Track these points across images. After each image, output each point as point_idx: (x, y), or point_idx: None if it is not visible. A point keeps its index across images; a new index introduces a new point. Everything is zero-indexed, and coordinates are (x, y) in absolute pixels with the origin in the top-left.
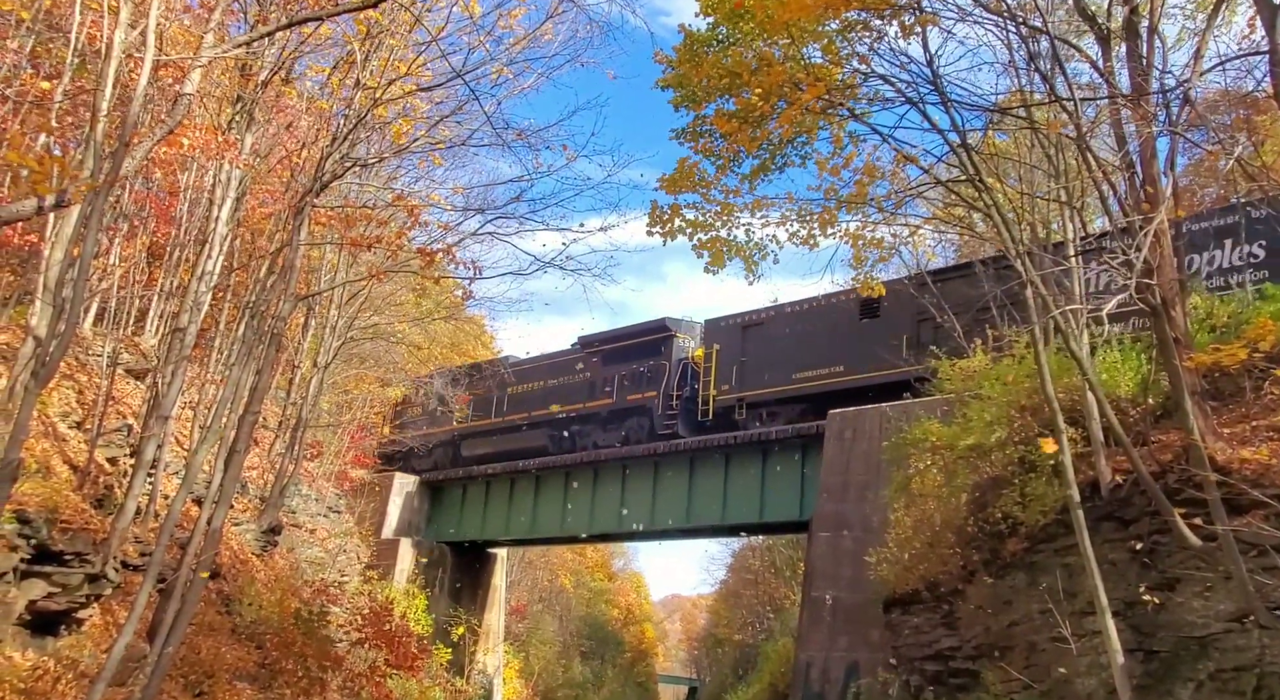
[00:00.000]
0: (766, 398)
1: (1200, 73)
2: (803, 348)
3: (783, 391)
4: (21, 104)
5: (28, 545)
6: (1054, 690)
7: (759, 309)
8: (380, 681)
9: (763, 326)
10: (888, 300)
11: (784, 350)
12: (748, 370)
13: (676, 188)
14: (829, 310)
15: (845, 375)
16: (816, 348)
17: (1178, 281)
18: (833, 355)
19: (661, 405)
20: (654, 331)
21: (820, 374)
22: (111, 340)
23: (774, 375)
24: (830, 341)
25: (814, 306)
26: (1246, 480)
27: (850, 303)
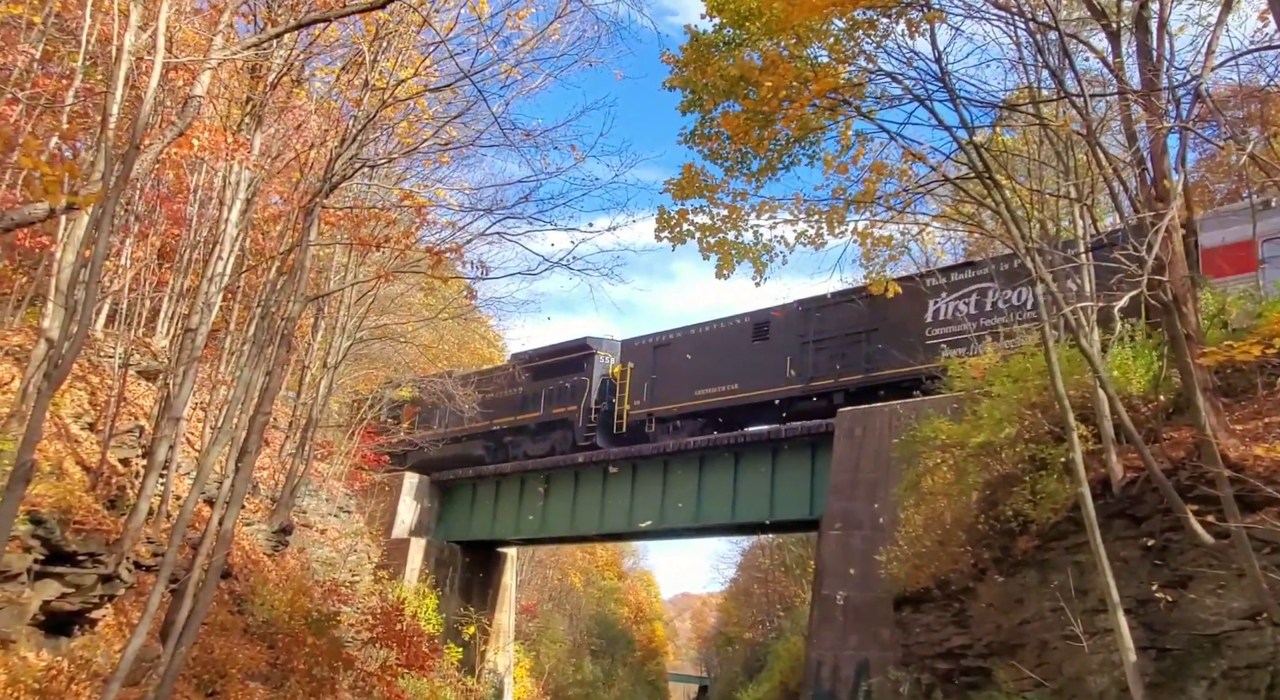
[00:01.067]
0: (672, 412)
1: (1211, 67)
2: (703, 367)
3: (685, 407)
4: (34, 107)
5: (42, 546)
6: (1066, 688)
7: (669, 330)
8: (392, 681)
9: (670, 347)
10: (776, 325)
11: (688, 369)
12: (657, 387)
13: (684, 194)
14: (726, 333)
15: (739, 392)
16: (715, 367)
17: (1189, 278)
18: (729, 374)
19: (582, 419)
20: (577, 350)
21: (718, 391)
22: (123, 342)
23: (679, 392)
24: (727, 362)
25: (714, 329)
26: (1259, 477)
27: (745, 326)
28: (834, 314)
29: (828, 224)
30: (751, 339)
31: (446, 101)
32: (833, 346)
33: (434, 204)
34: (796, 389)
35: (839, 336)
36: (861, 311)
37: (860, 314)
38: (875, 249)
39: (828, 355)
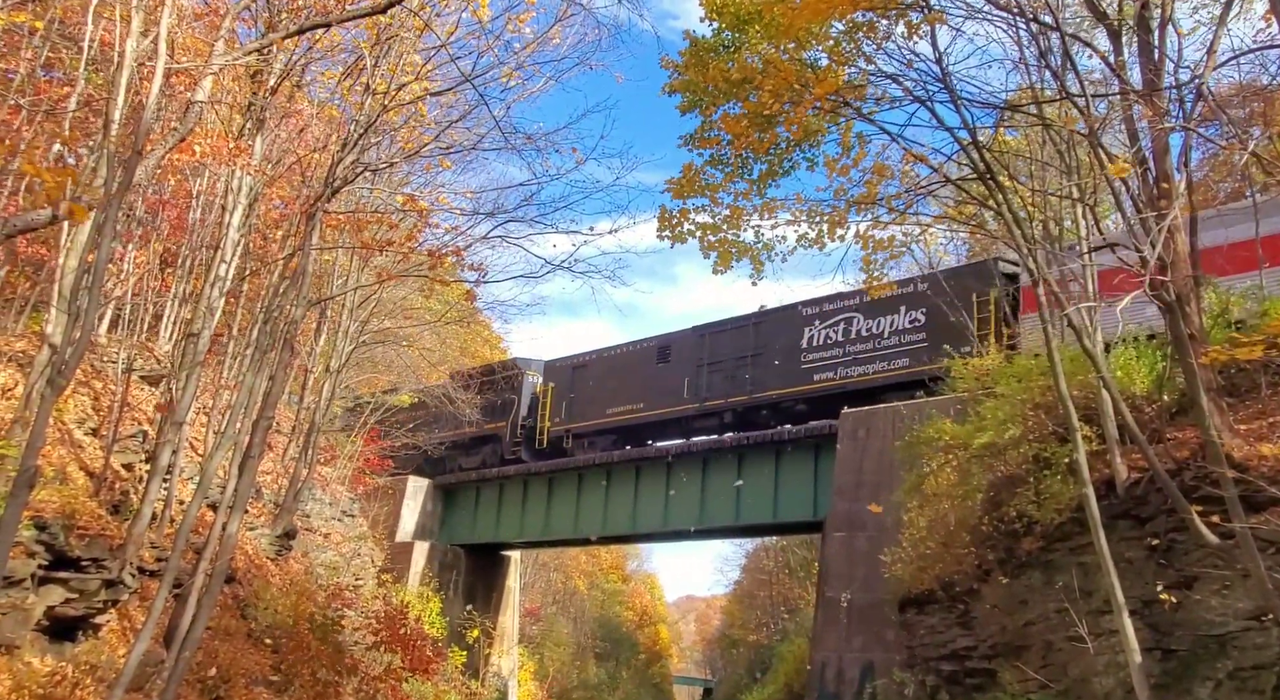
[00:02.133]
0: (587, 429)
1: (1214, 67)
2: (614, 387)
3: (598, 424)
4: (36, 112)
5: (46, 551)
6: (1071, 690)
7: (587, 352)
8: (396, 685)
9: (586, 368)
10: (677, 348)
11: (600, 389)
12: (574, 405)
13: (684, 193)
14: (635, 355)
15: (643, 411)
16: (624, 387)
17: (1192, 278)
18: (635, 394)
19: (510, 434)
20: (509, 369)
21: (625, 409)
22: (126, 347)
23: (592, 410)
24: (634, 382)
25: (624, 352)
26: (1264, 477)
27: (650, 350)
28: (726, 339)
29: (829, 227)
30: (656, 361)
31: (448, 106)
32: (724, 369)
33: (437, 210)
34: (692, 408)
35: (729, 360)
36: (749, 337)
37: (748, 340)
38: (876, 251)
39: (720, 377)
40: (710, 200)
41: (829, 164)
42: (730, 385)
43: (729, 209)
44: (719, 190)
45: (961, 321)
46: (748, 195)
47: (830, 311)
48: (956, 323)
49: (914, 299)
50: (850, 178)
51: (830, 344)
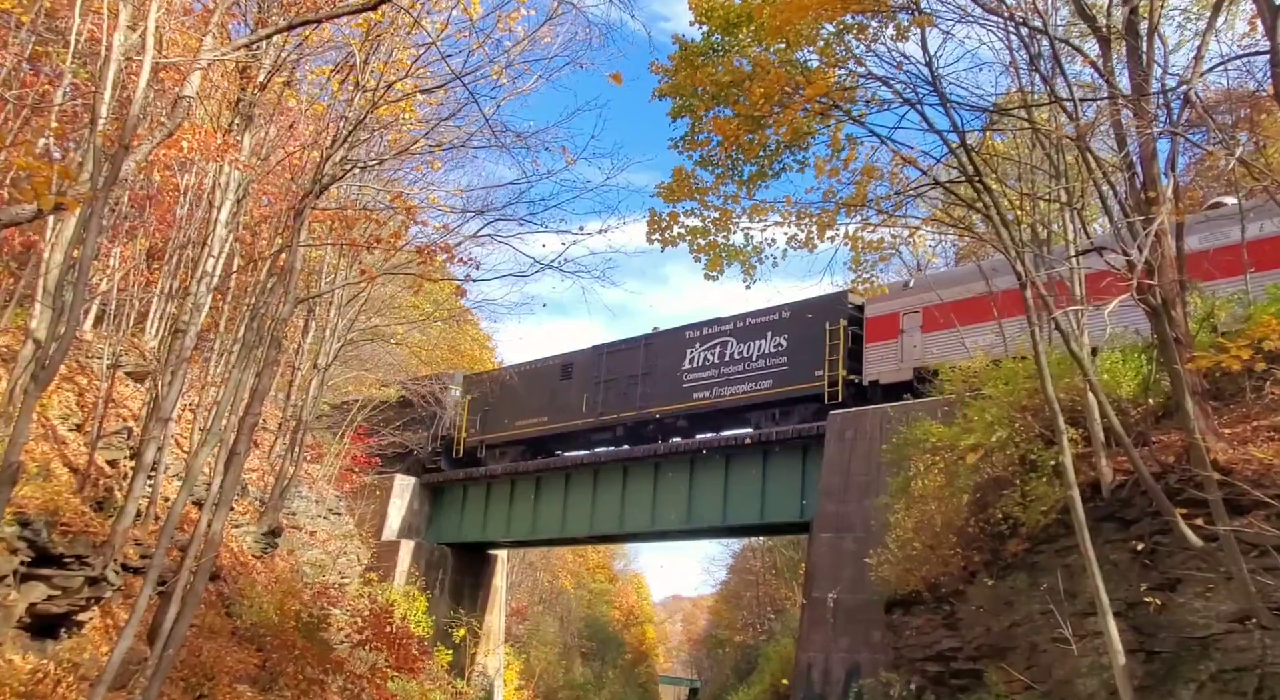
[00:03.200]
0: (498, 440)
1: (1201, 73)
2: (523, 401)
3: (508, 436)
4: (22, 107)
5: (28, 548)
6: (1055, 691)
7: (505, 368)
8: (381, 684)
9: (500, 383)
10: (578, 365)
11: (511, 403)
12: (488, 418)
13: (674, 196)
14: (541, 372)
15: (548, 424)
16: (532, 402)
17: (1178, 282)
18: (541, 408)
19: (430, 444)
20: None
21: (532, 422)
22: (112, 343)
23: (503, 423)
24: (541, 397)
25: (533, 368)
26: (1248, 480)
27: (555, 367)
28: (621, 359)
29: (818, 228)
30: (560, 378)
31: (437, 103)
32: (618, 387)
33: (425, 208)
34: (590, 422)
35: (623, 378)
36: (640, 357)
37: (639, 359)
38: (865, 252)
39: (614, 394)
40: (700, 203)
41: (819, 165)
42: (622, 401)
43: (718, 212)
44: (709, 193)
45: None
46: (737, 198)
47: (709, 335)
48: (812, 348)
49: (778, 326)
50: (840, 179)
51: (708, 365)
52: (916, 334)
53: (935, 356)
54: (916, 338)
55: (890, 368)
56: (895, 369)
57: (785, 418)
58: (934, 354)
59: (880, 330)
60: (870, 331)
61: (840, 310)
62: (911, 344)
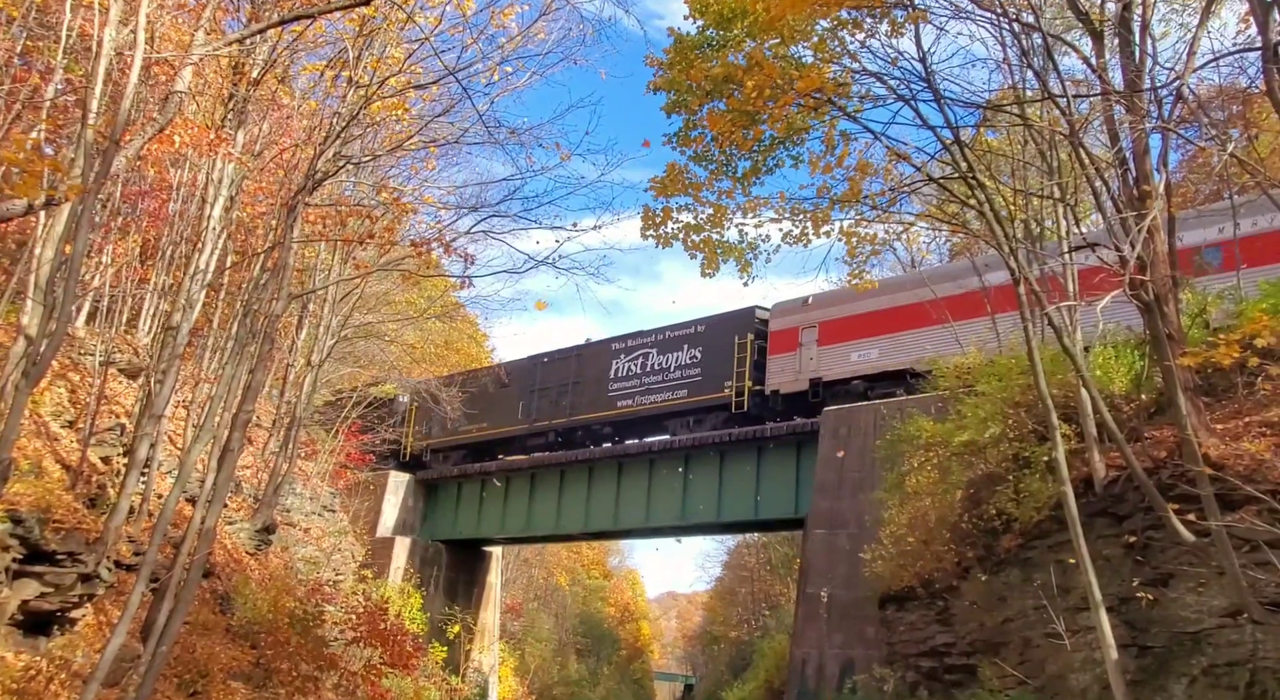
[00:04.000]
0: (442, 445)
1: (1193, 68)
2: (466, 407)
3: (451, 441)
4: (13, 102)
5: (20, 545)
6: (1048, 686)
7: (450, 375)
8: (375, 680)
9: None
10: (516, 374)
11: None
12: (433, 423)
13: (668, 191)
14: (482, 380)
15: (487, 430)
16: (473, 407)
17: (1171, 278)
18: (482, 414)
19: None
20: None
21: (473, 428)
22: (104, 339)
23: (446, 428)
24: (481, 403)
25: (474, 376)
26: (1239, 476)
27: (495, 376)
28: (554, 368)
29: (813, 224)
30: (499, 385)
31: (431, 100)
32: (550, 395)
33: (418, 206)
34: (524, 428)
35: (555, 387)
36: (571, 366)
37: (570, 369)
38: (860, 246)
39: (547, 402)
40: (694, 199)
41: (813, 161)
42: (554, 409)
43: (713, 208)
44: (703, 189)
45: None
46: (731, 194)
47: (633, 347)
48: (723, 360)
49: (694, 339)
50: (834, 176)
51: (631, 375)
52: (813, 347)
53: (828, 368)
54: (813, 351)
55: (789, 378)
56: (794, 379)
57: (698, 425)
58: (827, 366)
59: (781, 344)
60: (773, 345)
61: (748, 325)
62: (808, 356)
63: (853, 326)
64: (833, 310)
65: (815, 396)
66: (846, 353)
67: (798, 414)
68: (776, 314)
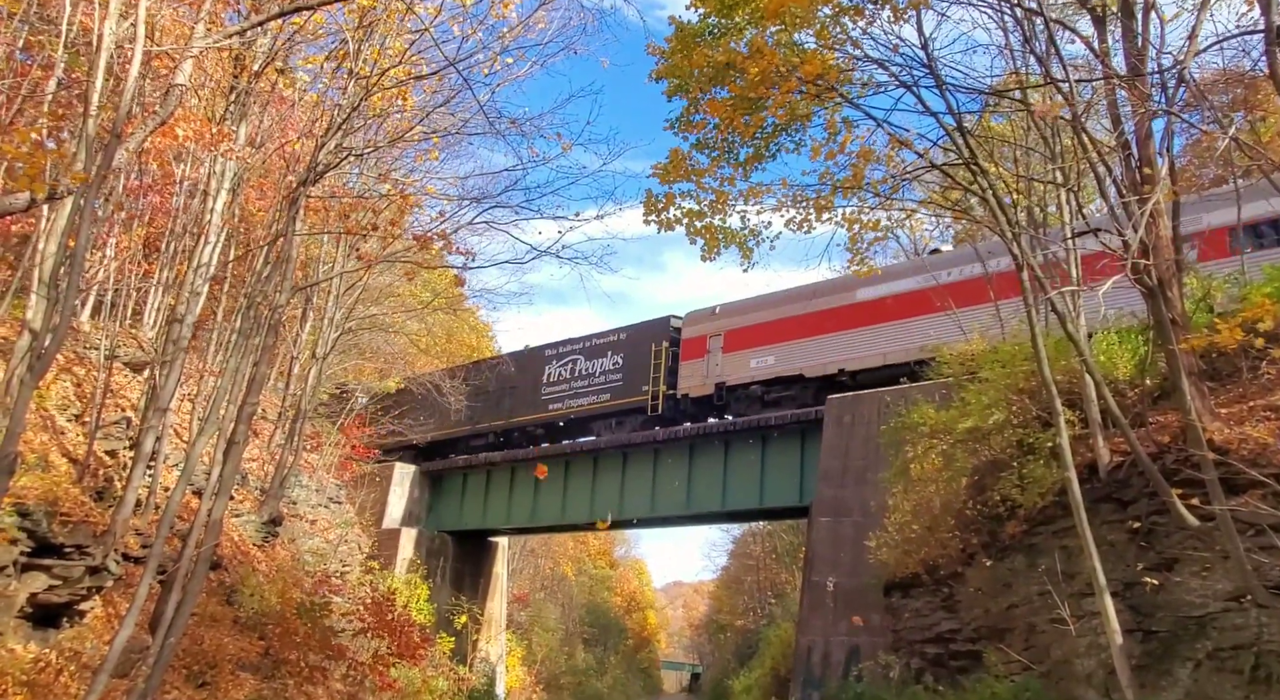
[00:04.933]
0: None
1: (1196, 52)
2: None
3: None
4: (15, 96)
5: (28, 538)
6: (1054, 671)
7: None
8: (383, 671)
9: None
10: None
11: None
12: None
13: (670, 177)
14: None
15: (434, 430)
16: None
17: (1174, 262)
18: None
19: None
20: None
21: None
22: (109, 333)
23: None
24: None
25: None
26: (1244, 460)
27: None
28: (496, 372)
29: (815, 211)
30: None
31: (432, 91)
32: (492, 398)
33: (421, 196)
34: (467, 429)
35: (495, 391)
36: (510, 372)
37: (509, 373)
38: (863, 233)
39: (488, 404)
40: (696, 185)
41: (814, 149)
42: (495, 412)
43: (715, 194)
44: (705, 175)
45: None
46: (733, 180)
47: (564, 353)
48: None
49: (617, 346)
50: (837, 162)
51: (561, 380)
52: (719, 354)
53: (731, 374)
54: (719, 357)
55: (698, 383)
56: (701, 383)
57: (620, 427)
58: (730, 371)
59: (692, 350)
60: (684, 351)
61: (665, 333)
62: (714, 363)
63: (753, 335)
64: (737, 320)
65: (720, 400)
66: (747, 359)
67: (705, 416)
68: (688, 322)
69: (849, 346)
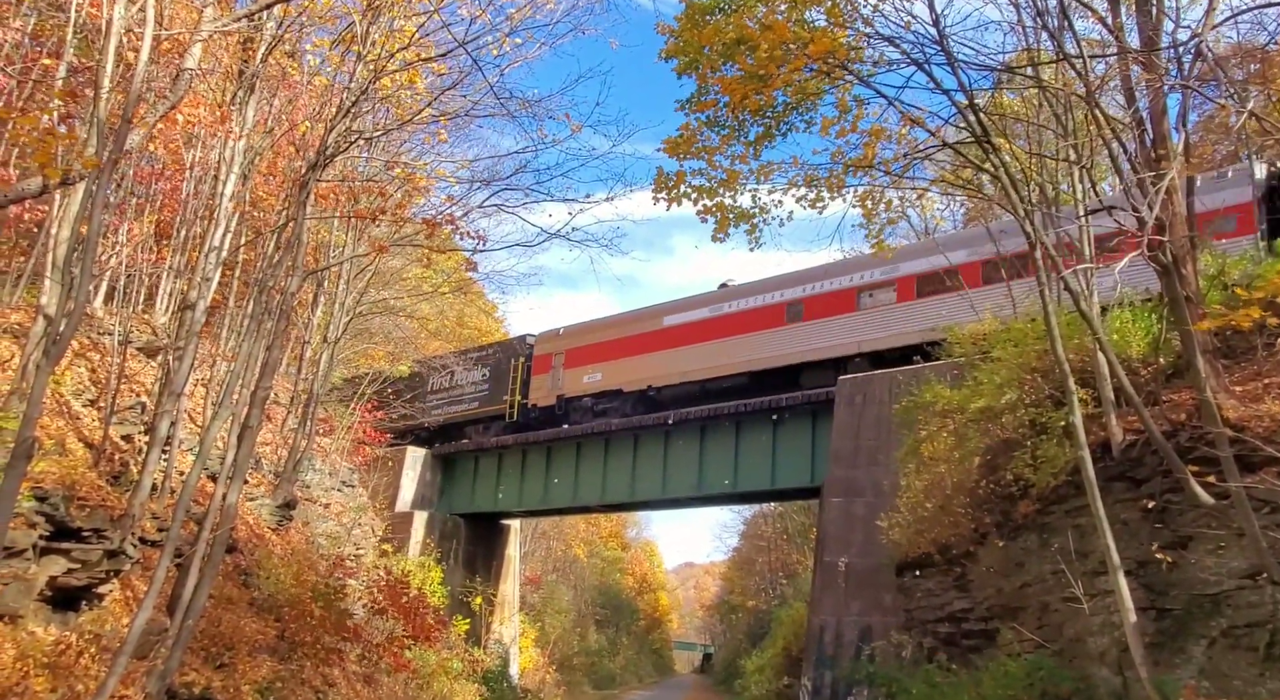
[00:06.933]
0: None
1: (1212, 25)
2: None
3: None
4: (25, 82)
5: (46, 522)
6: (1067, 650)
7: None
8: (398, 652)
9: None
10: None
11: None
12: None
13: (680, 151)
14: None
15: None
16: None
17: (1189, 239)
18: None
19: None
20: None
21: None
22: (122, 319)
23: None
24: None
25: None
26: (1259, 437)
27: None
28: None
29: (828, 188)
30: None
31: (442, 73)
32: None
33: (431, 180)
34: None
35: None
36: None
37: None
38: (875, 210)
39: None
40: (707, 163)
41: (825, 123)
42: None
43: (726, 173)
44: (716, 153)
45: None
46: (745, 159)
47: (445, 366)
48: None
49: (485, 360)
50: (848, 141)
51: (443, 389)
52: (561, 370)
53: (569, 387)
54: (560, 373)
55: (545, 394)
56: (547, 395)
57: (486, 432)
58: (568, 385)
59: (541, 366)
60: (535, 367)
61: (523, 350)
62: (557, 377)
63: (587, 354)
64: (575, 340)
65: (560, 410)
66: (581, 375)
67: (549, 424)
68: (539, 342)
69: (656, 366)
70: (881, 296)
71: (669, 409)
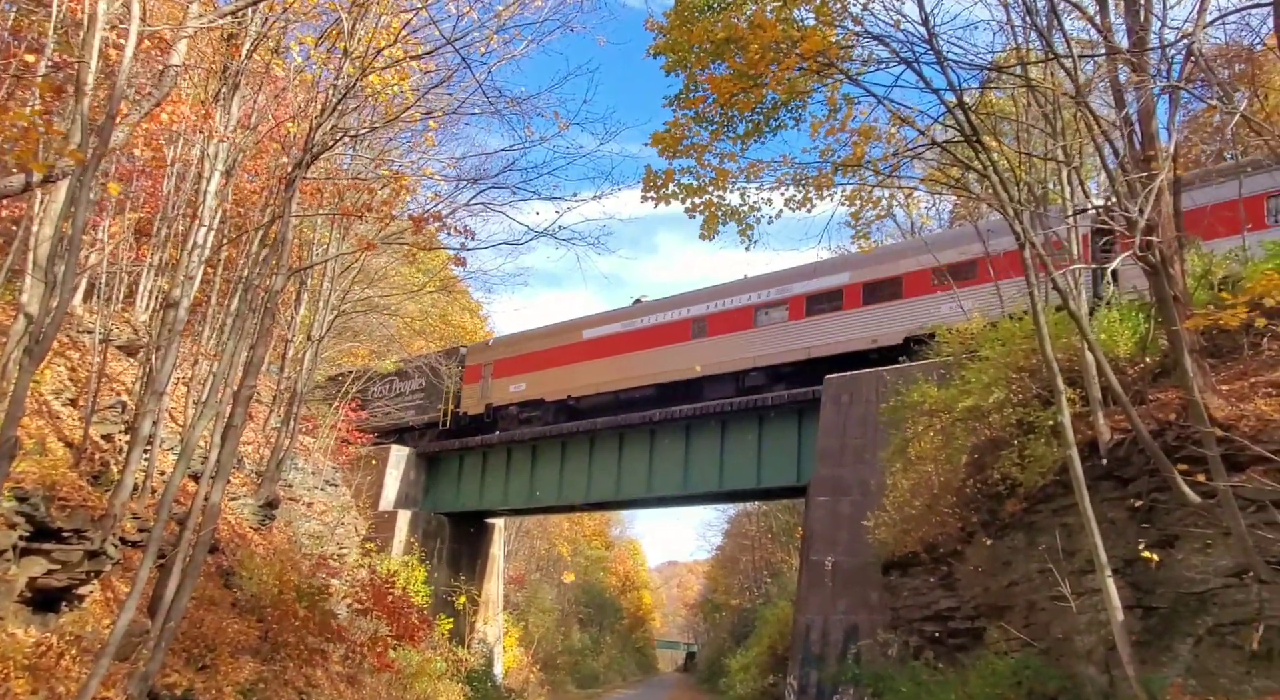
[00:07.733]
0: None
1: (1203, 25)
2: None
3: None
4: (4, 78)
5: (26, 523)
6: (1054, 648)
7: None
8: (382, 652)
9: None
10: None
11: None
12: None
13: (668, 146)
14: None
15: None
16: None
17: (1177, 239)
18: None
19: None
20: None
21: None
22: (102, 317)
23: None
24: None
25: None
26: (1246, 436)
27: None
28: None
29: (816, 188)
30: None
31: (428, 71)
32: None
33: (418, 178)
34: None
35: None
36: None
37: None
38: (864, 209)
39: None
40: (696, 161)
41: (815, 124)
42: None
43: (715, 171)
44: (704, 151)
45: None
46: (734, 156)
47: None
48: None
49: (421, 371)
50: (837, 139)
51: (383, 398)
52: (489, 380)
53: (496, 397)
54: (489, 383)
55: (475, 403)
56: (477, 404)
57: (422, 438)
58: (496, 395)
59: (472, 377)
60: (466, 377)
61: (457, 361)
62: (486, 387)
63: (513, 365)
64: (503, 352)
65: (489, 418)
66: (507, 385)
67: (480, 432)
68: (471, 353)
69: (576, 377)
70: (776, 314)
71: (588, 418)
